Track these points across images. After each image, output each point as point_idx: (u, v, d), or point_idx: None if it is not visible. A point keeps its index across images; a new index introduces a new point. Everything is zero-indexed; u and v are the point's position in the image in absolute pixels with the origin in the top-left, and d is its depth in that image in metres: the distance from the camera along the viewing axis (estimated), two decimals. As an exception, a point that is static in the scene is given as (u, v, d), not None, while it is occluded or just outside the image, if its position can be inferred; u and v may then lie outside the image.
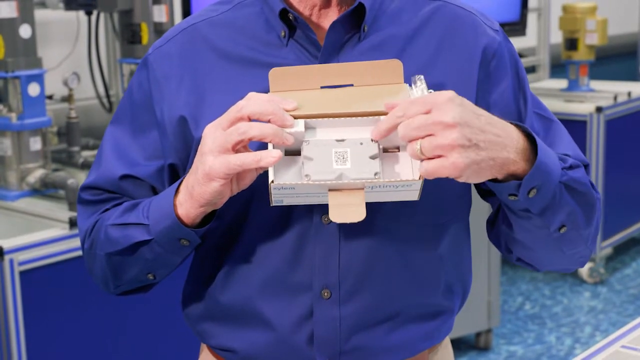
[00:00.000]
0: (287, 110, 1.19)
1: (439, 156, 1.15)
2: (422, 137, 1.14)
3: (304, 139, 1.19)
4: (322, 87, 1.25)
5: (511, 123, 1.24)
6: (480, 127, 1.17)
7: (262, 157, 1.17)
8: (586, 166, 1.39)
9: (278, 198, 1.21)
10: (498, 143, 1.19)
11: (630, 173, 4.89)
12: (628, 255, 5.12)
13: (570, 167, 1.33)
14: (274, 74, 1.24)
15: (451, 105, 1.16)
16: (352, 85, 1.25)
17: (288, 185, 1.18)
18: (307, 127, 1.20)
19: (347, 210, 1.18)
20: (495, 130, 1.19)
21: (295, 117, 1.19)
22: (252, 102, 1.20)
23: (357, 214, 1.18)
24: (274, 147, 1.18)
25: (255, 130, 1.17)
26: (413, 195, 1.20)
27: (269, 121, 1.18)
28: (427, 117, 1.14)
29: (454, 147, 1.14)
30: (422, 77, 1.21)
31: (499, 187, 1.24)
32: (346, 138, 1.18)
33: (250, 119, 1.19)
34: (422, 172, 1.15)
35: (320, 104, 1.22)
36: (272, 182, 1.17)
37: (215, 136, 1.20)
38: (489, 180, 1.23)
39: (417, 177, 1.17)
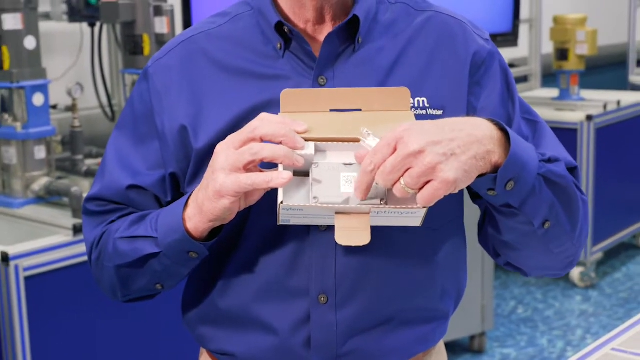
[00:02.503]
0: (298, 133, 1.19)
1: (427, 182, 1.14)
2: (402, 176, 1.14)
3: (314, 162, 1.19)
4: (330, 110, 1.25)
5: (483, 118, 1.23)
6: (447, 138, 1.16)
7: (272, 178, 1.17)
8: (575, 169, 1.38)
9: (285, 218, 1.22)
10: (472, 141, 1.18)
11: (620, 180, 4.89)
12: (618, 259, 5.12)
13: (549, 160, 1.31)
14: (286, 95, 1.25)
15: (410, 134, 1.15)
16: (360, 110, 1.25)
17: (297, 206, 1.18)
18: (317, 150, 1.20)
19: (353, 234, 1.18)
20: (465, 131, 1.18)
21: (306, 140, 1.19)
22: (265, 123, 1.20)
23: (362, 237, 1.18)
24: (284, 168, 1.18)
25: (267, 152, 1.18)
26: (416, 221, 1.21)
27: (280, 142, 1.18)
28: (395, 157, 1.14)
29: (434, 168, 1.14)
30: (368, 130, 1.20)
31: (478, 182, 1.22)
32: (354, 162, 1.18)
33: (262, 140, 1.19)
34: (420, 203, 1.15)
35: (330, 127, 1.22)
36: (282, 203, 1.18)
37: (227, 154, 1.21)
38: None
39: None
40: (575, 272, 4.69)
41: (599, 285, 4.73)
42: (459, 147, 1.16)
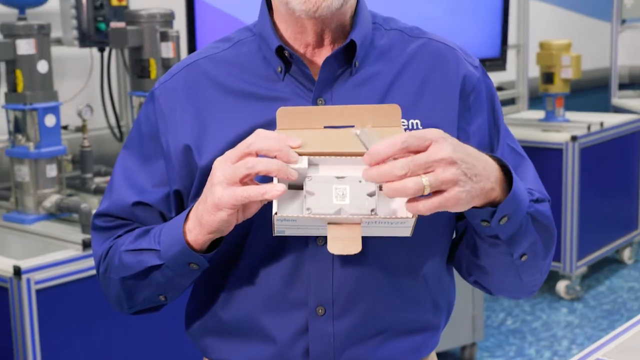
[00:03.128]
0: (292, 148, 1.19)
1: (440, 192, 1.14)
2: (422, 173, 1.12)
3: (307, 175, 1.18)
4: (325, 127, 1.25)
5: (488, 155, 1.24)
6: (471, 162, 1.17)
7: (267, 190, 1.17)
8: (548, 201, 1.40)
9: (280, 228, 1.21)
10: (485, 175, 1.19)
11: (604, 197, 4.89)
12: (602, 273, 5.12)
13: (537, 200, 1.34)
14: (281, 113, 1.24)
15: (445, 141, 1.15)
16: (353, 126, 1.25)
17: (290, 217, 1.17)
18: (310, 164, 1.19)
19: (345, 243, 1.18)
20: (481, 163, 1.19)
21: (300, 154, 1.19)
22: (260, 138, 1.19)
23: (353, 246, 1.18)
24: (278, 181, 1.18)
25: (262, 165, 1.17)
26: (406, 231, 1.20)
27: (275, 157, 1.18)
28: (428, 154, 1.13)
29: (456, 181, 1.14)
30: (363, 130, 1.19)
31: (475, 212, 1.23)
32: (346, 176, 1.18)
33: (257, 155, 1.19)
34: (422, 210, 1.14)
35: (323, 142, 1.21)
36: (276, 213, 1.17)
37: (224, 169, 1.20)
38: None
39: (411, 215, 1.16)
40: (561, 285, 4.68)
41: (583, 298, 4.72)
42: (475, 175, 1.17)
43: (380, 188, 1.18)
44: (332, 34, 1.37)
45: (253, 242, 1.35)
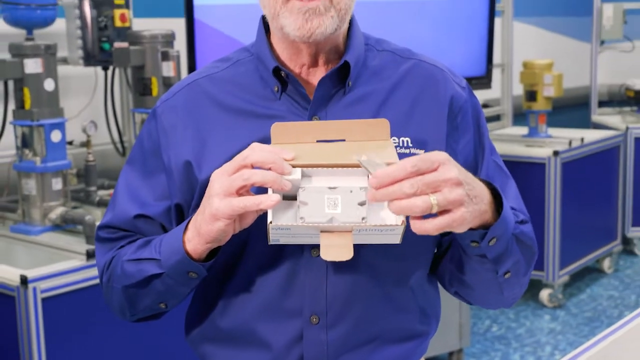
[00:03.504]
0: (286, 160, 1.19)
1: (446, 211, 1.14)
2: (430, 193, 1.12)
3: (300, 186, 1.18)
4: (317, 141, 1.25)
5: (478, 178, 1.24)
6: (471, 184, 1.17)
7: (262, 200, 1.17)
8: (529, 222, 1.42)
9: (275, 237, 1.21)
10: (481, 198, 1.20)
11: (584, 209, 4.90)
12: (583, 282, 5.12)
13: (522, 222, 1.35)
14: (276, 128, 1.24)
15: (452, 164, 1.15)
16: (344, 140, 1.25)
17: (285, 226, 1.17)
18: (303, 175, 1.19)
19: (337, 250, 1.18)
20: (478, 187, 1.20)
21: (293, 166, 1.19)
22: (256, 151, 1.20)
23: (345, 253, 1.18)
24: (273, 192, 1.18)
25: (258, 177, 1.17)
26: (395, 238, 1.20)
27: (269, 169, 1.18)
28: (437, 174, 1.13)
29: (462, 202, 1.14)
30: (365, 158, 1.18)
31: (467, 233, 1.23)
32: (337, 186, 1.18)
33: (253, 167, 1.19)
34: (433, 228, 1.14)
35: (316, 155, 1.22)
36: (271, 222, 1.17)
37: (221, 181, 1.20)
38: None
39: (400, 222, 1.16)
40: (544, 294, 4.68)
41: (565, 306, 4.72)
42: (475, 196, 1.18)
43: None
44: (326, 55, 1.37)
45: (250, 252, 1.35)
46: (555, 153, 4.57)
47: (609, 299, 4.82)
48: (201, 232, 1.25)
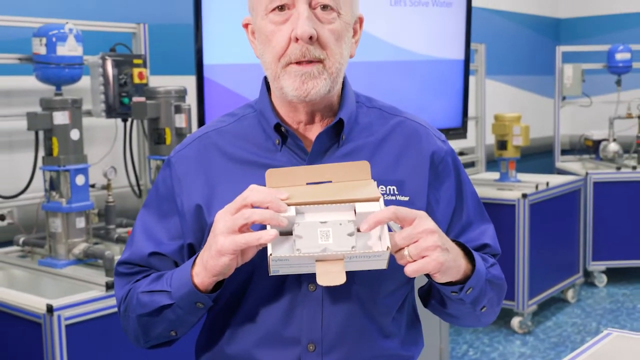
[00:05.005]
0: (281, 199, 1.19)
1: (421, 257, 1.18)
2: (408, 245, 1.18)
3: (295, 222, 1.19)
4: (307, 183, 1.26)
5: (451, 240, 1.29)
6: (444, 237, 1.22)
7: (262, 235, 1.17)
8: (499, 254, 1.47)
9: (275, 268, 1.21)
10: (457, 253, 1.25)
11: (550, 245, 4.90)
12: (549, 311, 5.10)
13: (491, 265, 1.39)
14: (270, 173, 1.25)
15: (427, 218, 1.21)
16: (330, 181, 1.26)
17: (283, 257, 1.17)
18: (297, 212, 1.20)
19: (331, 276, 1.18)
20: (451, 243, 1.26)
21: (288, 205, 1.19)
22: (254, 192, 1.20)
23: (338, 279, 1.18)
24: (271, 228, 1.18)
25: (257, 215, 1.18)
26: (382, 264, 1.20)
27: (267, 208, 1.18)
28: (412, 228, 1.19)
29: (435, 247, 1.18)
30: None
31: (447, 287, 1.29)
32: (328, 220, 1.19)
33: (252, 206, 1.19)
34: (409, 272, 1.19)
35: (307, 195, 1.22)
36: (271, 255, 1.17)
37: (225, 220, 1.20)
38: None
39: (385, 248, 1.17)
40: (515, 321, 4.66)
41: (534, 332, 4.70)
42: (449, 247, 1.23)
43: (358, 229, 1.19)
44: (322, 113, 1.38)
45: (254, 288, 1.35)
46: (524, 195, 4.58)
47: (572, 326, 4.80)
48: (208, 267, 1.24)
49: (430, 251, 1.17)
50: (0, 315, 2.58)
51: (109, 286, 2.55)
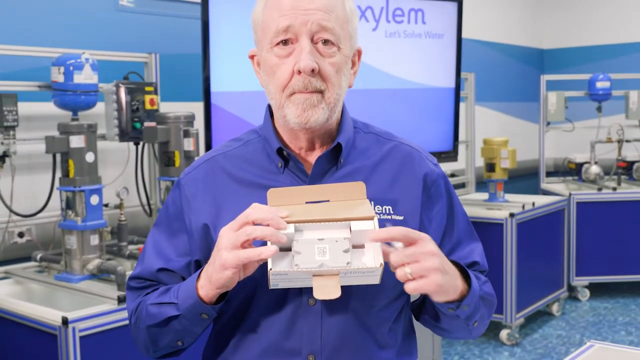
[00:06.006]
0: (281, 217, 1.20)
1: (421, 277, 1.18)
2: (409, 263, 1.18)
3: (294, 239, 1.19)
4: (306, 202, 1.26)
5: (449, 260, 1.29)
6: (445, 260, 1.22)
7: (262, 251, 1.17)
8: (486, 271, 1.47)
9: (275, 282, 1.21)
10: (454, 275, 1.25)
11: (536, 262, 4.89)
12: (536, 323, 5.08)
13: (484, 283, 1.39)
14: (271, 193, 1.26)
15: (430, 240, 1.21)
16: (328, 200, 1.26)
17: (283, 272, 1.18)
18: (296, 230, 1.20)
19: (327, 290, 1.18)
20: (450, 264, 1.25)
21: (288, 222, 1.20)
22: (256, 210, 1.20)
23: (334, 293, 1.18)
24: (271, 244, 1.18)
25: (258, 232, 1.18)
26: (375, 279, 1.20)
27: (268, 225, 1.19)
28: (416, 248, 1.18)
29: (436, 269, 1.18)
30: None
31: (445, 304, 1.29)
32: (325, 237, 1.19)
33: (254, 223, 1.20)
34: (409, 290, 1.18)
35: (306, 213, 1.22)
36: (271, 269, 1.17)
37: (228, 236, 1.21)
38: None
39: (379, 265, 1.17)
40: (504, 333, 4.64)
41: (521, 344, 4.68)
42: (449, 270, 1.24)
43: (353, 246, 1.19)
44: (321, 140, 1.39)
45: (257, 302, 1.35)
46: (511, 215, 4.58)
47: (557, 338, 4.78)
48: (212, 280, 1.24)
49: (430, 272, 1.18)
50: (19, 327, 2.58)
51: (120, 300, 2.54)
